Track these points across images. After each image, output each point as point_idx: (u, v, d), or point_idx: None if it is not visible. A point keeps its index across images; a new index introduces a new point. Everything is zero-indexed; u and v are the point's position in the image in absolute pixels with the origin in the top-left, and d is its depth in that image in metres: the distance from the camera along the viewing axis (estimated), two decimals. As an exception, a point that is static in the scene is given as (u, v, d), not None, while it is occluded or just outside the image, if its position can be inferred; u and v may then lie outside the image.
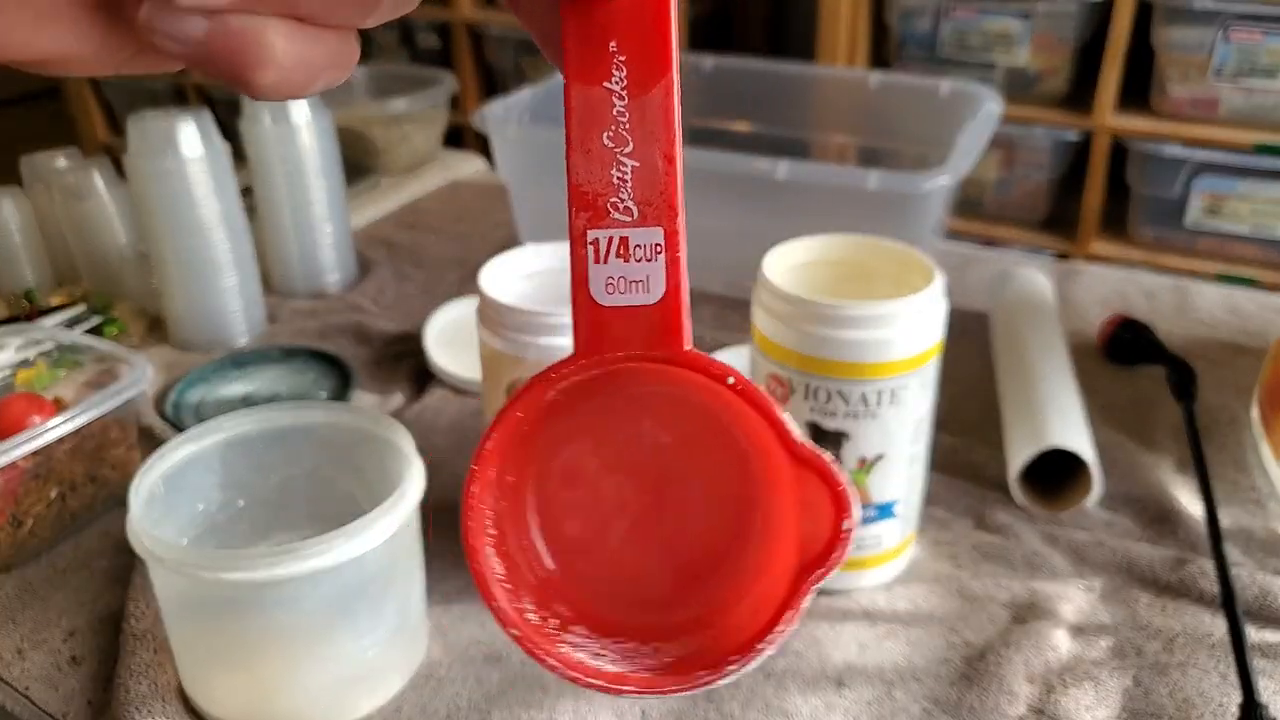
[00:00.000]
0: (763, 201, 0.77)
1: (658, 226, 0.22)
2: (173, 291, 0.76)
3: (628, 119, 0.21)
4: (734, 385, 0.22)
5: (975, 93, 0.86)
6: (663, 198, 0.22)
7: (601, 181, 0.22)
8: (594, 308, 0.22)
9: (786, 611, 0.23)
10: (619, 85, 0.21)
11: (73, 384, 0.61)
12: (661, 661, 0.24)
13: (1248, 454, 0.64)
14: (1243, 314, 0.81)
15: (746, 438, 0.24)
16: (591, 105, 0.21)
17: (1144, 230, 1.52)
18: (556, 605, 0.24)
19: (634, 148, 0.21)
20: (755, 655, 0.23)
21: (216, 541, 0.50)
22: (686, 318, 0.22)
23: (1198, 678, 0.47)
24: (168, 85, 2.28)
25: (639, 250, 0.22)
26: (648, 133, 0.21)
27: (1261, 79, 1.36)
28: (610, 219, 0.22)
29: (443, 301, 0.80)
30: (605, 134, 0.21)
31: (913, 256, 0.50)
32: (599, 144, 0.21)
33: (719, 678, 0.23)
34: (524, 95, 0.90)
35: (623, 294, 0.22)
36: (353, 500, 0.51)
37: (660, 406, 0.24)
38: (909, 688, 0.47)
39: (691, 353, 0.23)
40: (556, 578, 0.25)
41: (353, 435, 0.50)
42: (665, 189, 0.22)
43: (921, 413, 0.49)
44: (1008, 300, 0.76)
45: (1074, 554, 0.55)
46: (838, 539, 0.22)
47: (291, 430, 0.50)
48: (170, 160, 0.70)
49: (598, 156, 0.21)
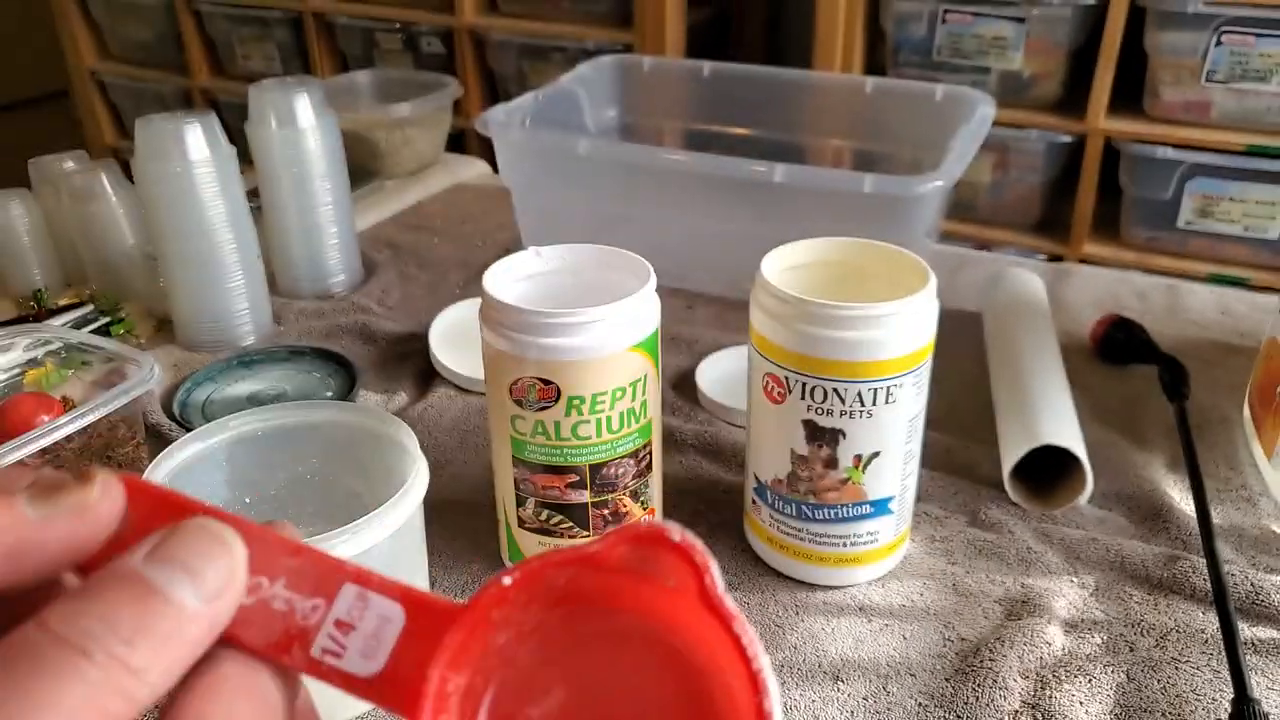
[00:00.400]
0: (760, 205, 0.78)
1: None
2: (179, 292, 0.77)
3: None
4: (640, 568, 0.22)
5: (969, 97, 0.87)
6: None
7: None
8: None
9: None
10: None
11: (80, 383, 0.62)
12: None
13: (1239, 452, 0.65)
14: (1234, 314, 0.82)
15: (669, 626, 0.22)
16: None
17: (1136, 232, 1.53)
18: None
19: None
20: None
21: None
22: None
23: (1190, 673, 0.48)
24: (175, 89, 2.29)
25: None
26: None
27: (1254, 82, 1.37)
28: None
29: (447, 302, 0.81)
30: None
31: (907, 258, 0.51)
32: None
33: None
34: (526, 100, 0.90)
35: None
36: (357, 498, 0.51)
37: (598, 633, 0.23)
38: (904, 682, 0.48)
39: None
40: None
41: (358, 434, 0.51)
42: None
43: (916, 411, 0.50)
44: (1001, 300, 0.77)
45: (1067, 551, 0.56)
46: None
47: (297, 429, 0.51)
48: (177, 163, 0.71)
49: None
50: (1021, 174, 1.57)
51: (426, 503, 0.48)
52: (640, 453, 0.50)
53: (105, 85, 2.40)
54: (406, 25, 1.98)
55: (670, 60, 1.43)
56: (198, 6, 2.15)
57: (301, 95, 0.80)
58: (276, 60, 2.17)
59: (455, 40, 1.94)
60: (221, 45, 2.22)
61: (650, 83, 1.03)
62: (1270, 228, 1.44)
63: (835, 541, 0.52)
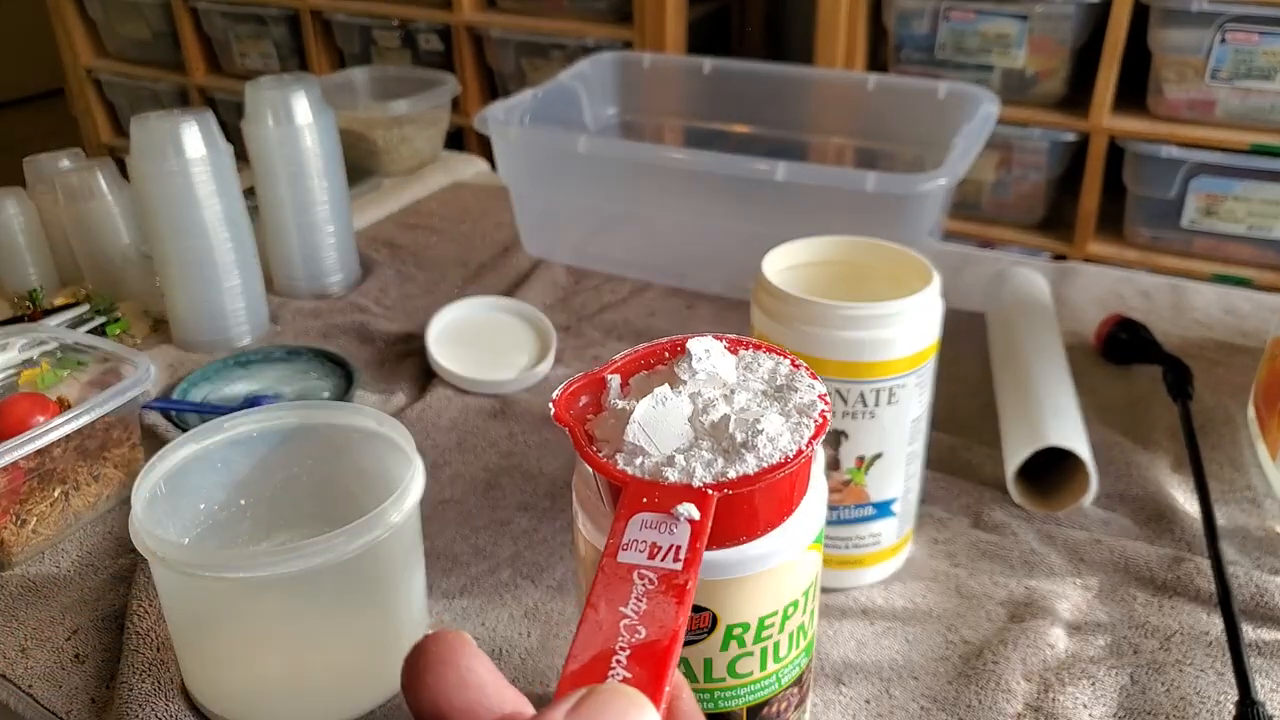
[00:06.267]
0: (762, 203, 0.77)
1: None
2: (176, 292, 0.76)
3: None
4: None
5: (972, 94, 0.86)
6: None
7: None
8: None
9: None
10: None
11: (76, 384, 0.62)
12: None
13: (1244, 453, 0.64)
14: (1239, 314, 0.82)
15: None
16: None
17: (1140, 231, 1.52)
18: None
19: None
20: None
21: (219, 540, 0.50)
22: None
23: (1194, 676, 0.48)
24: (172, 87, 2.29)
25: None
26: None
27: (1258, 80, 1.37)
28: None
29: (444, 302, 0.80)
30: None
31: (910, 257, 0.50)
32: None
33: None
34: (525, 97, 0.90)
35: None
36: (354, 499, 0.51)
37: None
38: (907, 685, 0.48)
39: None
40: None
41: (354, 434, 0.50)
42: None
43: (919, 412, 0.49)
44: (1005, 300, 0.76)
45: (1071, 552, 0.55)
46: None
47: (294, 430, 0.50)
48: (173, 161, 0.70)
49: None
50: (1025, 172, 1.57)
51: (424, 504, 0.47)
52: (804, 677, 0.39)
53: (101, 83, 2.40)
54: (405, 22, 1.98)
55: (670, 57, 1.42)
56: (194, 4, 2.15)
57: (299, 93, 0.79)
58: (274, 58, 2.16)
59: (454, 37, 1.93)
60: (218, 43, 2.21)
61: (650, 80, 1.03)
62: (1275, 227, 1.43)
63: (838, 544, 0.51)
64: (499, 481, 0.63)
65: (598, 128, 1.00)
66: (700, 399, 0.27)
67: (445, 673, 0.22)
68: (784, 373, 0.29)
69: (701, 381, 0.28)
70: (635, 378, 0.29)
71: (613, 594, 0.23)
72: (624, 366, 0.29)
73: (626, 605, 0.23)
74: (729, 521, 0.26)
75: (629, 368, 0.29)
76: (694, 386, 0.28)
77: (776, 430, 0.26)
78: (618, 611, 0.23)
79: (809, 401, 0.27)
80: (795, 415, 0.27)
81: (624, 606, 0.23)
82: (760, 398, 0.28)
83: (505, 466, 0.64)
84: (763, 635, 0.36)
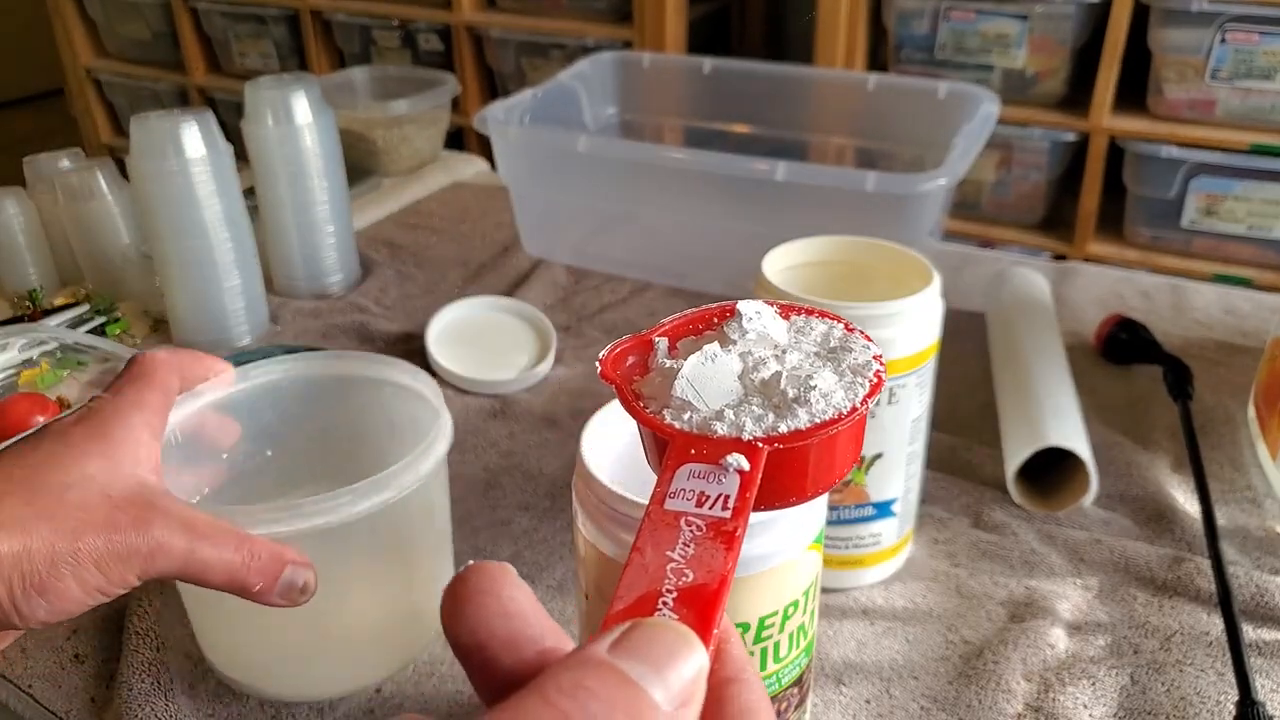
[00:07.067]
0: (762, 203, 0.77)
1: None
2: (175, 292, 0.76)
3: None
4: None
5: (972, 94, 0.86)
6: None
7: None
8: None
9: None
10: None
11: (76, 383, 0.62)
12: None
13: (1244, 453, 0.64)
14: (1239, 314, 0.82)
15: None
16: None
17: (1140, 231, 1.52)
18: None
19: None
20: None
21: (242, 492, 0.48)
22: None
23: (1194, 676, 0.48)
24: (172, 86, 2.29)
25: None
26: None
27: (1258, 80, 1.37)
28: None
29: (444, 301, 0.80)
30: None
31: (910, 257, 0.50)
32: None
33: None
34: (525, 97, 0.90)
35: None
36: (381, 451, 0.49)
37: None
38: (907, 685, 0.48)
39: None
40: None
41: (380, 386, 0.49)
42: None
43: (919, 412, 0.49)
44: (1005, 300, 0.76)
45: (1071, 552, 0.55)
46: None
47: (320, 380, 0.49)
48: (173, 161, 0.70)
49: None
50: (1025, 172, 1.57)
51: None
52: (804, 677, 0.39)
53: (101, 83, 2.40)
54: (404, 22, 1.98)
55: (670, 56, 1.42)
56: (194, 4, 2.15)
57: (299, 93, 0.79)
58: (274, 58, 2.16)
59: (454, 37, 1.93)
60: (218, 43, 2.21)
61: (650, 79, 1.03)
62: (1275, 227, 1.43)
63: (838, 544, 0.51)
64: (499, 481, 0.63)
65: (597, 127, 1.00)
66: (751, 358, 0.27)
67: (487, 602, 0.21)
68: (838, 335, 0.28)
69: (752, 341, 0.28)
70: (683, 341, 0.28)
71: (659, 539, 0.23)
72: (672, 330, 0.29)
73: (674, 550, 0.23)
74: (779, 480, 0.25)
75: (677, 331, 0.29)
76: (744, 346, 0.27)
77: (830, 387, 0.26)
78: (664, 555, 0.22)
79: (864, 361, 0.27)
80: (849, 374, 0.26)
81: (671, 551, 0.23)
82: (813, 358, 0.27)
83: (505, 466, 0.64)
84: (763, 635, 0.36)
